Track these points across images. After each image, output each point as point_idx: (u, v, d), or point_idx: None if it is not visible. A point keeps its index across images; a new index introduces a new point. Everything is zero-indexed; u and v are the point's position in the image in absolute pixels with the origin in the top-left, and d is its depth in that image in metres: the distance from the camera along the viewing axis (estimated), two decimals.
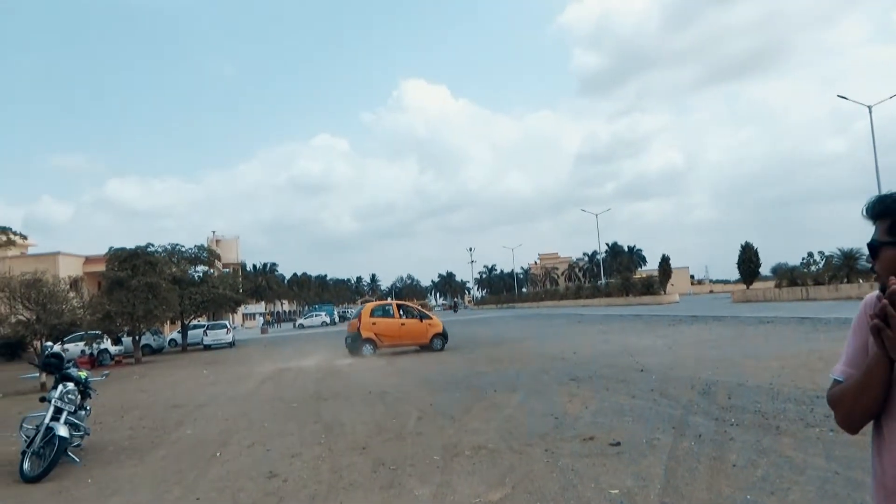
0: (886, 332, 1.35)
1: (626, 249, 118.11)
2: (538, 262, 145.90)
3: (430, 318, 22.22)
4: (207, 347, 36.69)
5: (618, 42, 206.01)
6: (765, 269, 60.12)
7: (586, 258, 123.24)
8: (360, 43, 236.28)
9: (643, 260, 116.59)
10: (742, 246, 45.87)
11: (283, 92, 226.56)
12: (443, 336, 21.30)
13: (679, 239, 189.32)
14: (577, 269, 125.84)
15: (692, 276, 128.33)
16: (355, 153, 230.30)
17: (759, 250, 46.00)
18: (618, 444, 6.47)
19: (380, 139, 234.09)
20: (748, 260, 45.54)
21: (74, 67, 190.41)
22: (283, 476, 6.40)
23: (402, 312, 21.93)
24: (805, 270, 43.54)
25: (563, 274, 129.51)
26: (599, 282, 78.86)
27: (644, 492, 4.91)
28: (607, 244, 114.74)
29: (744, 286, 48.34)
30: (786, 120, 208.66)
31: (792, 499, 4.49)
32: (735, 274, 51.75)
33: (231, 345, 36.84)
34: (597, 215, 73.22)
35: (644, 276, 70.51)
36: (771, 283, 51.75)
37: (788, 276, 43.59)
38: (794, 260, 53.19)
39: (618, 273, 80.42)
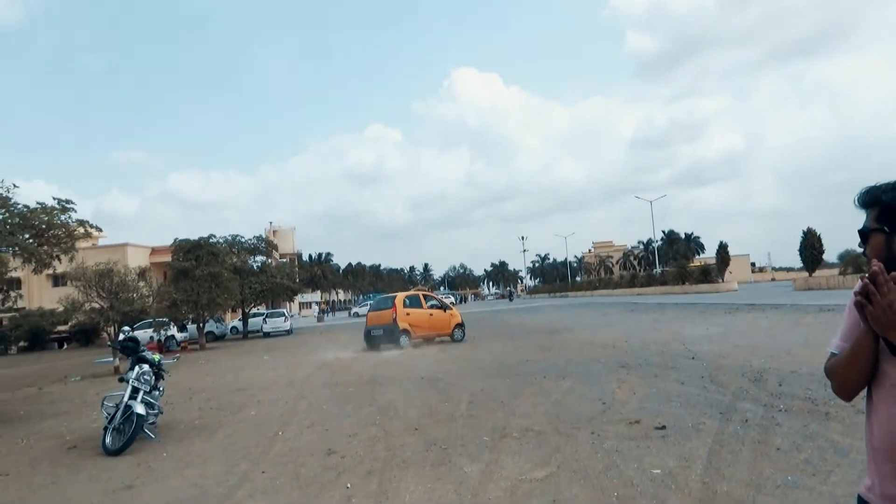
0: (869, 309, 1.53)
1: (682, 237, 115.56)
2: (592, 250, 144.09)
3: (451, 309, 22.12)
4: (266, 335, 37.94)
5: (673, 23, 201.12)
6: (831, 256, 58.14)
7: (641, 246, 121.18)
8: (410, 33, 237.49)
9: (701, 248, 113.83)
10: (804, 232, 44.39)
11: (336, 84, 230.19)
12: (462, 327, 21.37)
13: (740, 226, 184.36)
14: (631, 258, 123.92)
15: (753, 264, 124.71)
16: (407, 143, 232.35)
17: (823, 236, 44.46)
18: (663, 427, 6.60)
19: (431, 129, 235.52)
20: (810, 246, 44.04)
21: (136, 66, 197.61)
22: (341, 453, 6.79)
23: (428, 303, 21.82)
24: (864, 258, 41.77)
25: (617, 262, 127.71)
26: (655, 270, 77.51)
27: (685, 472, 5.07)
28: (663, 232, 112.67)
29: (806, 274, 46.80)
30: (853, 100, 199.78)
31: (833, 480, 4.58)
32: (799, 261, 50.13)
33: (289, 332, 37.98)
34: (651, 202, 72.05)
35: (701, 263, 68.94)
36: (836, 271, 49.93)
37: (854, 263, 41.96)
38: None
39: (674, 261, 78.91)
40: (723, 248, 62.46)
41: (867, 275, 1.55)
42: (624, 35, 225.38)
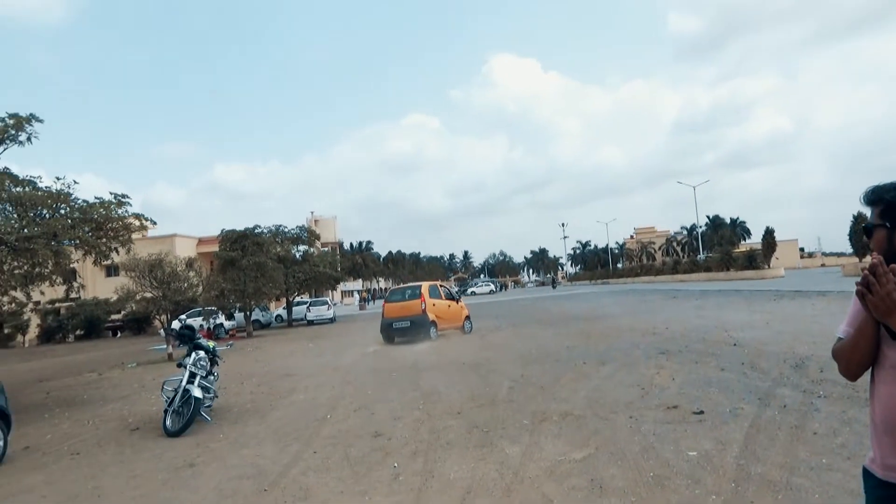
0: (869, 297, 1.71)
1: (728, 222, 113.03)
2: (634, 236, 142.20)
3: (460, 301, 21.45)
4: (311, 323, 38.74)
5: (717, 2, 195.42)
6: None
7: (685, 232, 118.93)
8: (447, 20, 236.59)
9: (747, 233, 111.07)
10: (854, 216, 43.23)
11: (374, 73, 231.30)
12: (469, 319, 20.85)
13: (788, 210, 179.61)
14: (674, 244, 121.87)
15: (802, 249, 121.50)
16: (446, 131, 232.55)
17: None
18: (701, 412, 6.73)
19: (470, 116, 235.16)
20: (861, 231, 42.81)
21: (179, 60, 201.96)
22: (387, 435, 7.11)
23: (445, 294, 20.81)
24: None
25: (659, 248, 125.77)
26: (698, 256, 76.22)
27: (721, 454, 5.21)
28: (707, 217, 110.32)
29: (856, 259, 45.51)
30: None
31: None
32: (849, 246, 48.77)
33: (332, 320, 38.72)
34: (694, 187, 70.93)
35: (747, 249, 67.51)
36: None
37: None
38: None
39: (718, 247, 77.37)
40: (769, 234, 61.05)
41: (868, 266, 1.72)
42: (666, 16, 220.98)
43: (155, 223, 15.46)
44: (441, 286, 21.59)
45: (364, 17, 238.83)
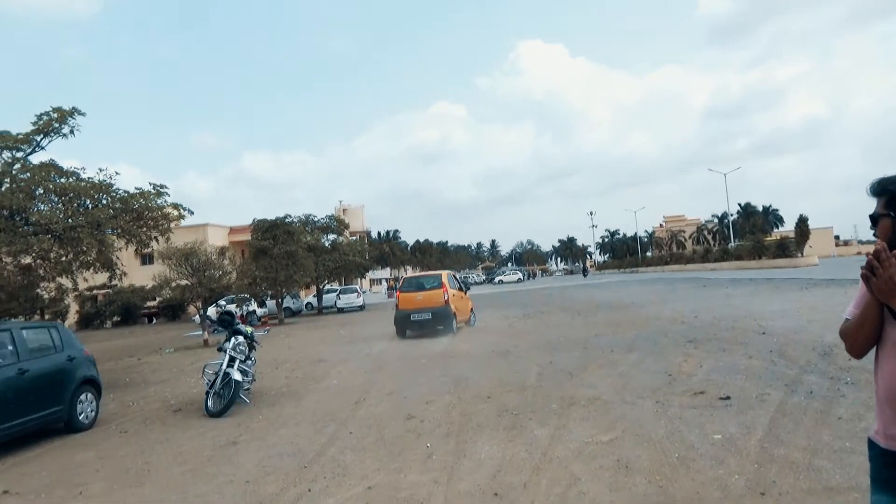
0: (873, 280, 1.87)
1: (759, 210, 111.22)
2: (663, 224, 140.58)
3: (467, 292, 20.40)
4: (340, 310, 39.32)
5: None
6: None
7: (715, 220, 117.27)
8: (474, 6, 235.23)
9: (780, 220, 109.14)
10: None
11: (400, 62, 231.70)
12: (473, 312, 20.14)
13: (823, 197, 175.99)
14: (705, 232, 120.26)
15: (837, 237, 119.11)
16: (472, 119, 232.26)
17: None
18: (727, 398, 6.85)
19: (497, 104, 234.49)
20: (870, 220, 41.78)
21: (208, 51, 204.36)
22: (419, 418, 7.37)
23: (459, 285, 19.63)
24: None
25: (690, 237, 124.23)
26: (729, 245, 75.21)
27: (745, 438, 5.36)
28: (739, 205, 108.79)
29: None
30: None
31: None
32: None
33: (361, 308, 39.25)
34: (725, 175, 69.72)
35: (779, 237, 66.43)
36: None
37: None
38: None
39: (751, 235, 76.23)
40: (802, 221, 59.85)
41: (872, 252, 1.88)
42: None
43: (192, 213, 15.92)
44: (454, 276, 20.58)
45: (390, 5, 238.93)
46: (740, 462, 4.80)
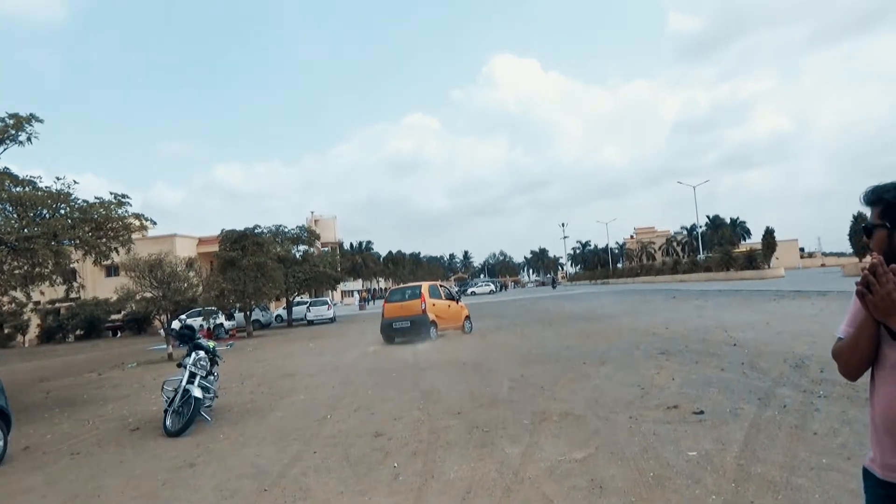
0: (869, 297, 1.71)
1: (728, 222, 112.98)
2: (634, 236, 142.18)
3: (460, 301, 21.48)
4: (311, 323, 38.76)
5: (718, 2, 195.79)
6: None
7: (685, 232, 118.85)
8: (448, 20, 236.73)
9: (747, 233, 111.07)
10: (854, 216, 43.29)
11: (375, 73, 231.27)
12: (469, 318, 20.90)
13: (788, 210, 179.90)
14: (674, 244, 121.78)
15: (802, 249, 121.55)
16: (446, 131, 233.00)
17: None
18: (701, 412, 6.73)
19: (471, 116, 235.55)
20: (861, 231, 42.83)
21: (180, 60, 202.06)
22: (387, 435, 7.11)
23: (445, 294, 20.76)
24: None
25: (659, 248, 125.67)
26: (698, 256, 76.17)
27: (721, 454, 5.22)
28: (708, 217, 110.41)
29: (856, 259, 45.52)
30: None
31: None
32: (850, 246, 48.81)
33: (332, 320, 38.73)
34: (695, 187, 70.89)
35: (747, 250, 67.47)
36: None
37: None
38: None
39: (719, 247, 77.29)
40: (769, 234, 60.89)
41: (868, 266, 1.72)
42: (666, 16, 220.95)
43: (155, 223, 15.46)
44: (441, 286, 21.57)
45: (365, 17, 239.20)
46: (717, 481, 4.66)
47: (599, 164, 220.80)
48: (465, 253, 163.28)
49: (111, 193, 13.72)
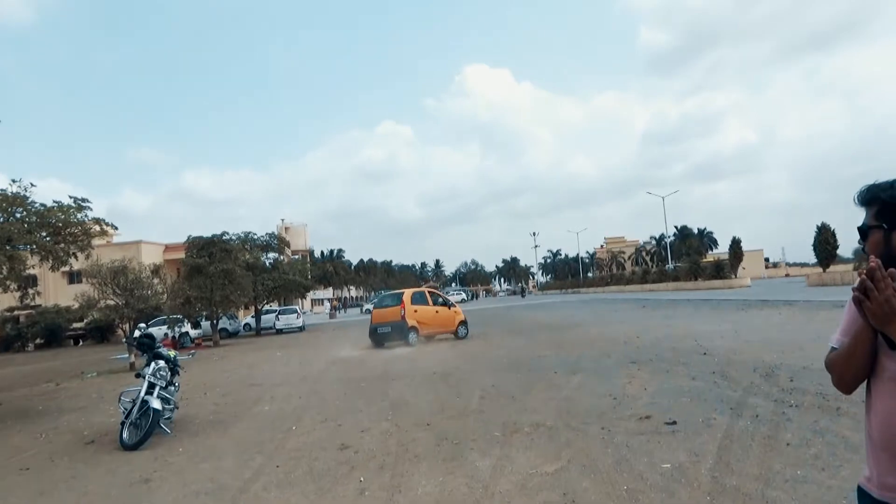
0: (866, 304, 1.58)
1: (695, 232, 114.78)
2: (604, 246, 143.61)
3: (454, 306, 22.04)
4: (279, 331, 38.20)
5: (687, 17, 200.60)
6: (845, 252, 57.60)
7: (654, 242, 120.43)
8: (422, 29, 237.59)
9: (714, 243, 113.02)
10: (818, 227, 44.11)
11: (348, 81, 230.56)
12: (465, 324, 21.40)
13: (754, 221, 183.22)
14: (644, 253, 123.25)
15: (767, 259, 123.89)
16: (419, 140, 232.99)
17: (838, 232, 44.14)
18: (674, 423, 6.64)
19: (443, 125, 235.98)
20: (825, 242, 43.74)
21: (150, 64, 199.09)
22: (354, 448, 6.88)
23: (433, 300, 21.58)
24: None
25: (629, 258, 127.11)
26: (667, 266, 77.11)
27: (696, 467, 5.10)
28: (676, 227, 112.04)
29: (820, 269, 46.44)
30: (869, 93, 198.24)
31: (843, 475, 4.60)
32: (813, 256, 49.79)
33: (301, 329, 38.24)
34: (664, 198, 71.68)
35: (714, 259, 68.51)
36: (850, 266, 49.47)
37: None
38: None
39: (686, 257, 78.36)
40: (736, 244, 61.91)
41: (865, 271, 1.59)
42: (637, 29, 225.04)
43: (116, 228, 14.96)
44: (430, 292, 22.44)
45: (337, 25, 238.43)
46: (692, 494, 4.53)
47: (571, 174, 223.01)
48: (437, 262, 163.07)
49: (71, 197, 13.27)
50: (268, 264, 39.30)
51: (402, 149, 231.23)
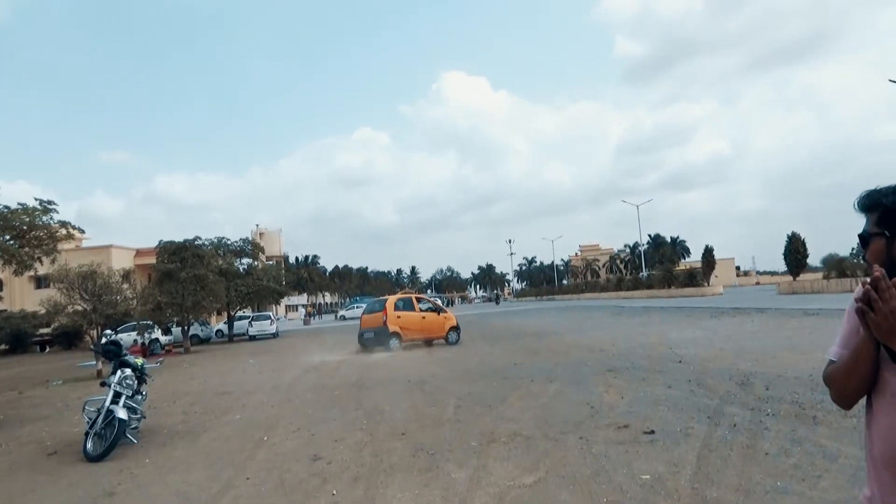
0: (870, 315, 1.49)
1: (668, 241, 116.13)
2: (579, 253, 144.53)
3: (446, 312, 22.15)
4: (252, 338, 37.66)
5: (661, 29, 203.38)
6: (815, 261, 58.75)
7: (628, 250, 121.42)
8: (399, 36, 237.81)
9: (687, 251, 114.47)
10: (788, 236, 44.91)
11: (324, 87, 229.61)
12: (457, 329, 21.38)
13: (725, 230, 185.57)
14: (618, 261, 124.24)
15: (738, 268, 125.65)
16: (396, 146, 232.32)
17: (808, 241, 45.01)
18: (652, 432, 6.58)
19: (420, 132, 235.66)
20: (795, 251, 44.54)
21: (123, 66, 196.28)
22: (327, 459, 6.70)
23: (421, 306, 21.81)
24: (855, 261, 42.31)
25: (604, 266, 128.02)
26: (641, 274, 77.84)
27: (675, 477, 5.04)
28: (649, 236, 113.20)
29: (790, 278, 47.22)
30: (837, 106, 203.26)
31: (823, 486, 4.56)
32: (783, 265, 50.65)
33: (275, 335, 37.74)
34: (638, 206, 72.45)
35: (687, 267, 69.38)
36: (820, 275, 50.42)
37: (837, 267, 42.43)
38: (845, 251, 51.64)
39: (660, 265, 79.26)
40: (708, 252, 62.86)
41: (868, 280, 1.51)
42: (612, 40, 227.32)
43: (83, 232, 14.60)
44: (418, 298, 22.78)
45: (314, 30, 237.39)
46: None
47: (547, 182, 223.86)
48: (413, 268, 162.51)
49: (36, 199, 12.90)
50: (241, 270, 38.74)
51: (378, 155, 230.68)
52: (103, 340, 9.80)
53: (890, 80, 34.87)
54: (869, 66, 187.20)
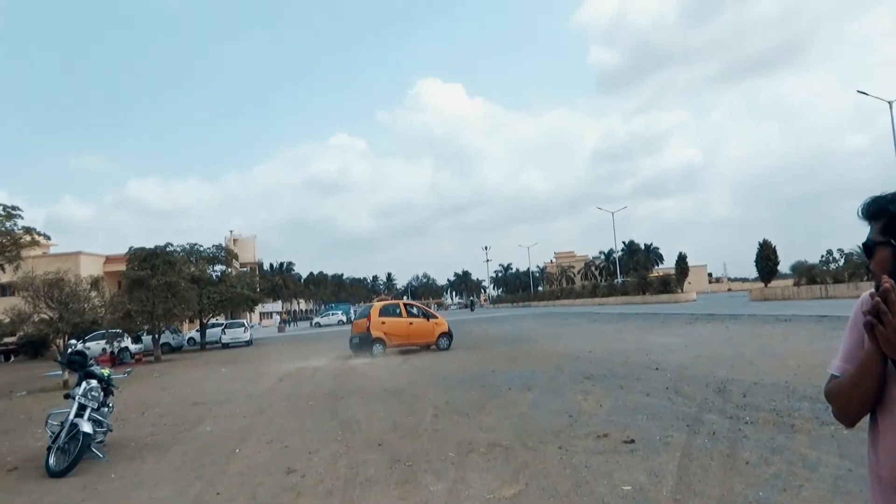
0: (879, 329, 1.41)
1: (642, 248, 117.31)
2: (554, 260, 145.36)
3: (436, 318, 22.21)
4: (225, 346, 37.11)
5: (635, 38, 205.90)
6: (784, 267, 59.73)
7: (603, 257, 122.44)
8: (375, 42, 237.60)
9: (660, 258, 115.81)
10: (760, 244, 45.55)
11: (300, 92, 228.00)
12: (448, 335, 21.38)
13: (697, 237, 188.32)
14: (593, 268, 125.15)
15: (710, 275, 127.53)
16: (372, 152, 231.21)
17: (778, 248, 45.70)
18: (632, 441, 6.51)
19: (396, 138, 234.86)
20: (766, 258, 45.19)
21: (92, 69, 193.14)
22: (300, 472, 6.52)
23: (409, 312, 21.85)
24: (825, 268, 43.11)
25: (579, 272, 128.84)
26: (616, 280, 78.45)
27: (657, 488, 4.96)
28: (624, 242, 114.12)
29: (762, 284, 47.92)
30: (807, 116, 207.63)
31: (804, 496, 4.52)
32: (754, 272, 51.40)
33: (249, 343, 37.23)
34: (613, 213, 73.03)
35: (661, 274, 70.12)
36: (790, 282, 51.24)
37: (807, 274, 43.17)
38: (815, 258, 52.67)
39: (634, 272, 79.94)
40: (682, 259, 63.51)
41: (878, 292, 1.42)
42: (587, 49, 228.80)
43: (49, 238, 14.21)
44: (406, 304, 22.94)
45: (291, 37, 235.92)
46: None
47: (522, 189, 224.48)
48: (389, 275, 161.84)
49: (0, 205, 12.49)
50: (214, 277, 38.17)
51: (354, 161, 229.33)
52: (68, 350, 9.50)
53: (859, 91, 35.66)
54: (838, 77, 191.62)
